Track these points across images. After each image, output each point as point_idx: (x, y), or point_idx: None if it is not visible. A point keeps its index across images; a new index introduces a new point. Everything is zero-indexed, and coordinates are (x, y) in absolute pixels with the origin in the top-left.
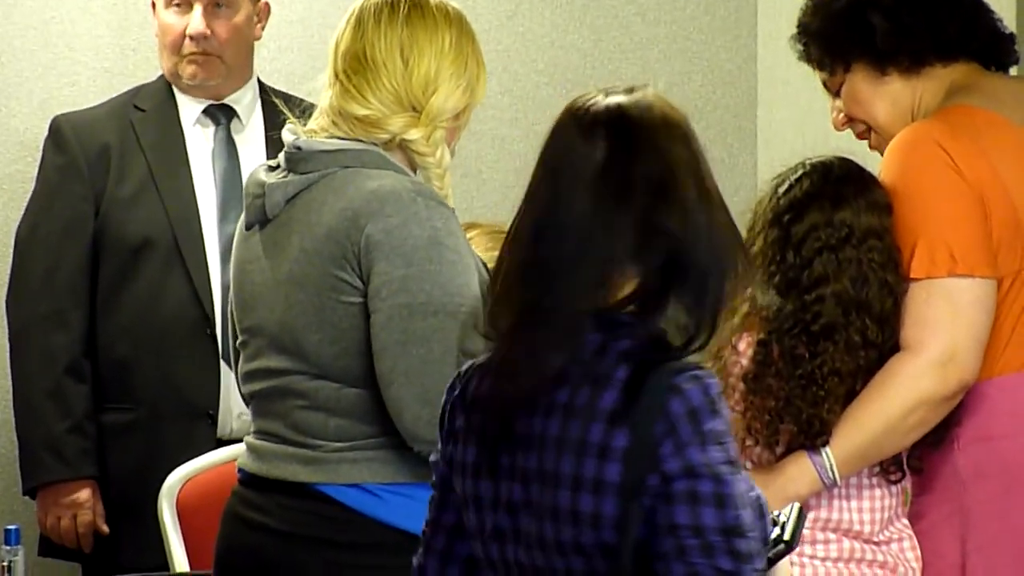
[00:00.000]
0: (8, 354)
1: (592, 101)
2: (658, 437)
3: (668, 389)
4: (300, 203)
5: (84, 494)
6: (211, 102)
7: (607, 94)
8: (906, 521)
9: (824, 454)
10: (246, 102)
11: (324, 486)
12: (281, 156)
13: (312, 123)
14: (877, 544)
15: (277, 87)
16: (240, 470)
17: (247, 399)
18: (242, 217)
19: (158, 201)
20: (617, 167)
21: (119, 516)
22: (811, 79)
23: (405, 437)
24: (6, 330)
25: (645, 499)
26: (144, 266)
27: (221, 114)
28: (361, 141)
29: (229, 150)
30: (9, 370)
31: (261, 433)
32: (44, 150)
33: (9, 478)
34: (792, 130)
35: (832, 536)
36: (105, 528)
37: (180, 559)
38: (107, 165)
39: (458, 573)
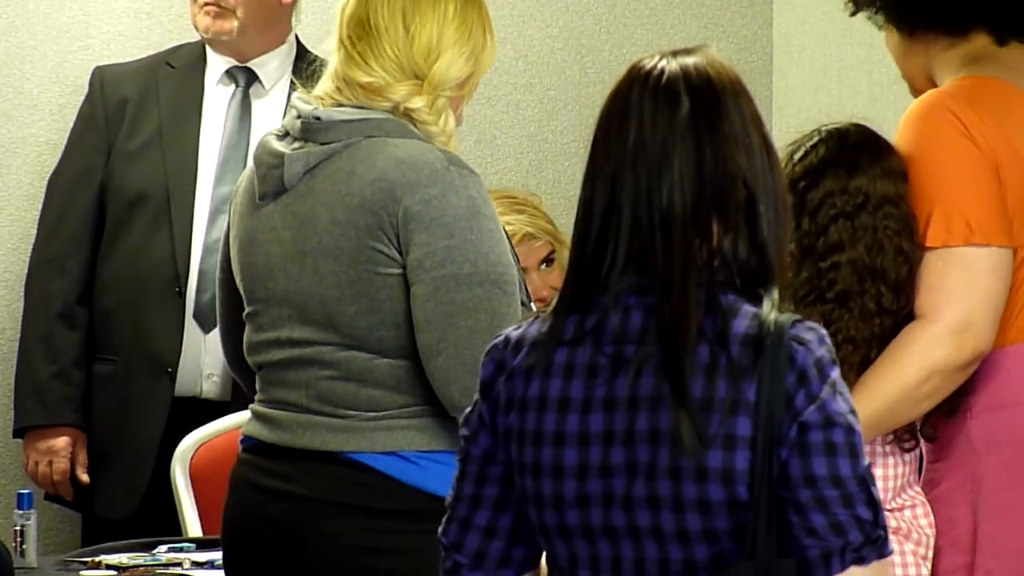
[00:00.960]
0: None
1: (664, 64)
2: (790, 388)
3: (792, 340)
4: (322, 174)
5: (61, 441)
6: (235, 63)
7: (675, 55)
8: (919, 488)
9: None
10: (272, 67)
11: (358, 454)
12: (292, 125)
13: (318, 88)
14: (890, 511)
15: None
16: (249, 437)
17: (255, 368)
18: (241, 187)
19: (160, 156)
20: (703, 122)
21: (95, 466)
22: (827, 45)
23: (450, 407)
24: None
25: (782, 450)
26: (136, 220)
27: (241, 76)
28: (372, 109)
29: (242, 113)
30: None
31: (276, 403)
32: (85, 99)
33: (20, 443)
34: (807, 96)
35: None
36: (85, 477)
37: (193, 524)
38: (122, 118)
39: (501, 547)
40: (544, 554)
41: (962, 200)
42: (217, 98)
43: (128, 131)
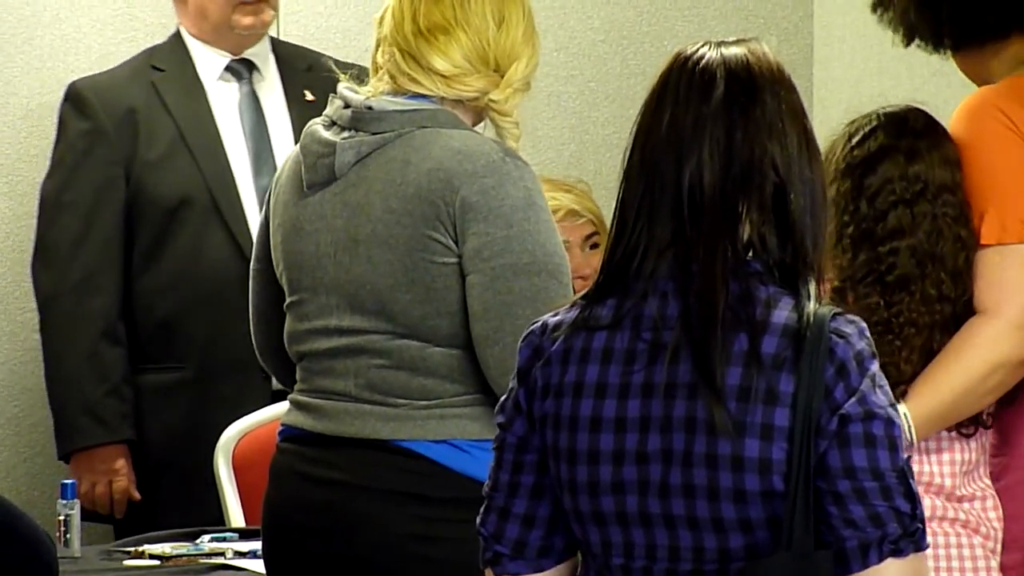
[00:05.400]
0: (38, 321)
1: (705, 51)
2: (829, 381)
3: (832, 332)
4: (374, 163)
5: (120, 460)
6: (231, 57)
7: (719, 44)
8: (989, 481)
9: (901, 413)
10: (263, 55)
11: (409, 442)
12: (340, 114)
13: (374, 82)
14: (959, 500)
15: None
16: (292, 427)
17: (296, 358)
18: (283, 177)
19: (191, 161)
20: (736, 106)
21: (160, 478)
22: (868, 37)
23: None
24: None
25: (820, 442)
26: (182, 226)
27: (244, 69)
28: (428, 99)
29: (254, 104)
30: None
31: (321, 392)
32: (64, 116)
33: None
34: (848, 88)
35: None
36: (137, 495)
37: (236, 514)
38: (135, 129)
39: (541, 536)
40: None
41: (1016, 198)
42: (222, 94)
43: (146, 141)
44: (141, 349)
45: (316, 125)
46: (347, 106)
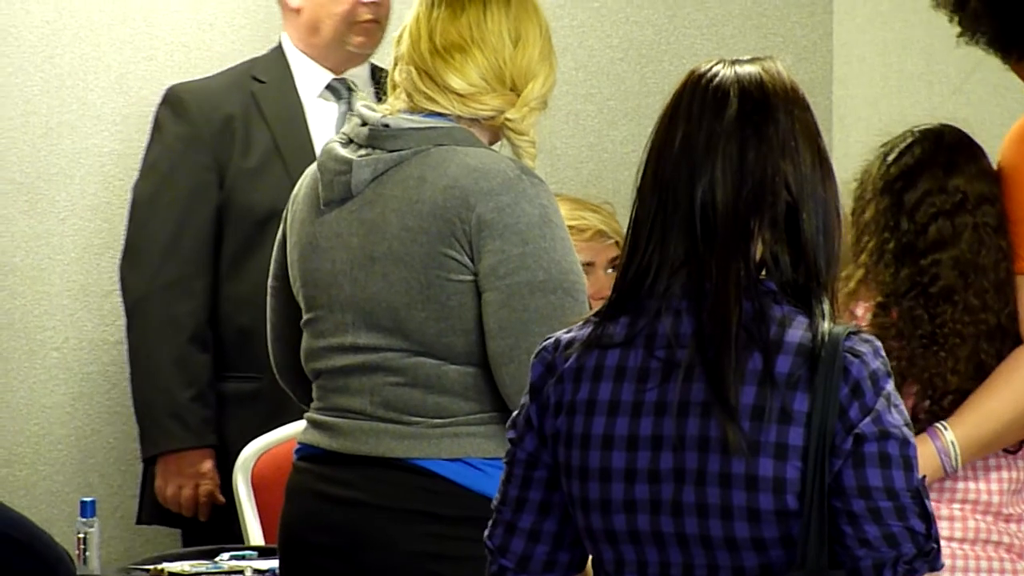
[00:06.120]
0: (125, 322)
1: (719, 69)
2: (844, 401)
3: (846, 352)
4: (391, 180)
5: (207, 464)
6: (333, 76)
7: (733, 63)
8: None
9: (948, 440)
10: (363, 78)
11: (424, 461)
12: (357, 132)
13: (392, 100)
14: (1007, 520)
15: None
16: (308, 446)
17: (312, 375)
18: (300, 194)
19: (284, 172)
20: (749, 125)
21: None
22: (887, 55)
23: None
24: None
25: (835, 461)
26: (269, 237)
27: (343, 88)
28: (444, 116)
29: None
30: (126, 339)
31: (337, 410)
32: (160, 119)
33: (85, 451)
34: (868, 107)
35: (958, 512)
36: (222, 498)
37: (255, 532)
38: (231, 136)
39: (546, 551)
40: (590, 558)
41: None
42: (320, 111)
43: (241, 149)
44: (223, 356)
45: (333, 143)
46: (364, 124)
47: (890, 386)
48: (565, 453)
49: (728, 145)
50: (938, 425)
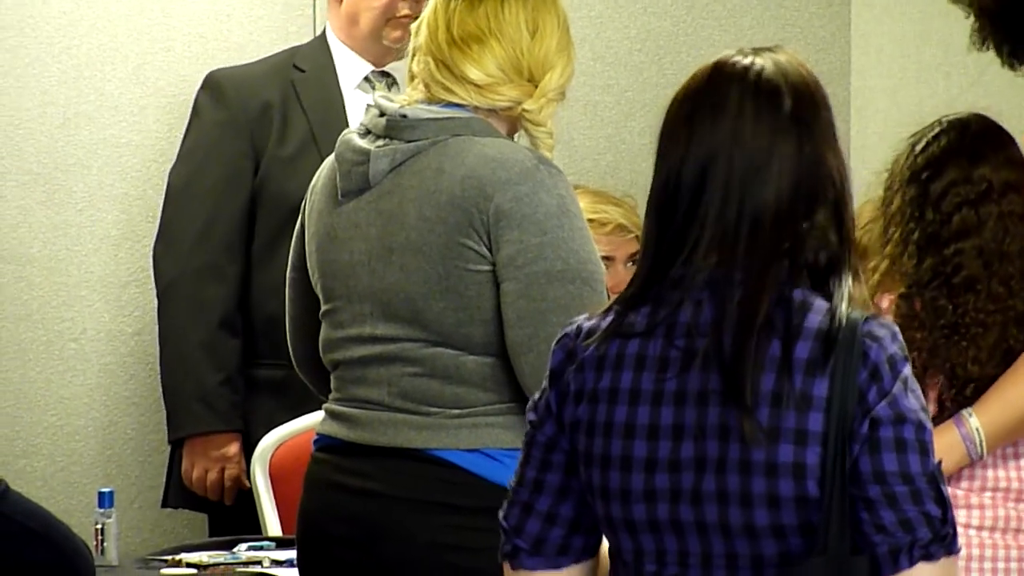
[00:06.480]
0: (156, 306)
1: (756, 60)
2: (862, 385)
3: (864, 336)
4: (408, 171)
5: (234, 448)
6: (373, 68)
7: (759, 52)
8: None
9: (972, 427)
10: (404, 71)
11: (442, 451)
12: (375, 122)
13: (410, 91)
14: None
15: None
16: (326, 437)
17: (331, 366)
18: (319, 185)
19: (319, 161)
20: (803, 121)
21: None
22: (905, 47)
23: None
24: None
25: (854, 446)
26: None
27: (381, 81)
28: (462, 107)
29: None
30: (156, 326)
31: (355, 400)
32: (200, 104)
33: (103, 442)
34: (886, 98)
35: (988, 500)
36: (248, 483)
37: (273, 523)
38: (269, 124)
39: (561, 535)
40: (607, 546)
41: None
42: (359, 103)
43: (278, 137)
44: (253, 343)
45: (351, 134)
46: (382, 114)
47: (907, 370)
48: (586, 441)
49: (786, 144)
50: (963, 412)
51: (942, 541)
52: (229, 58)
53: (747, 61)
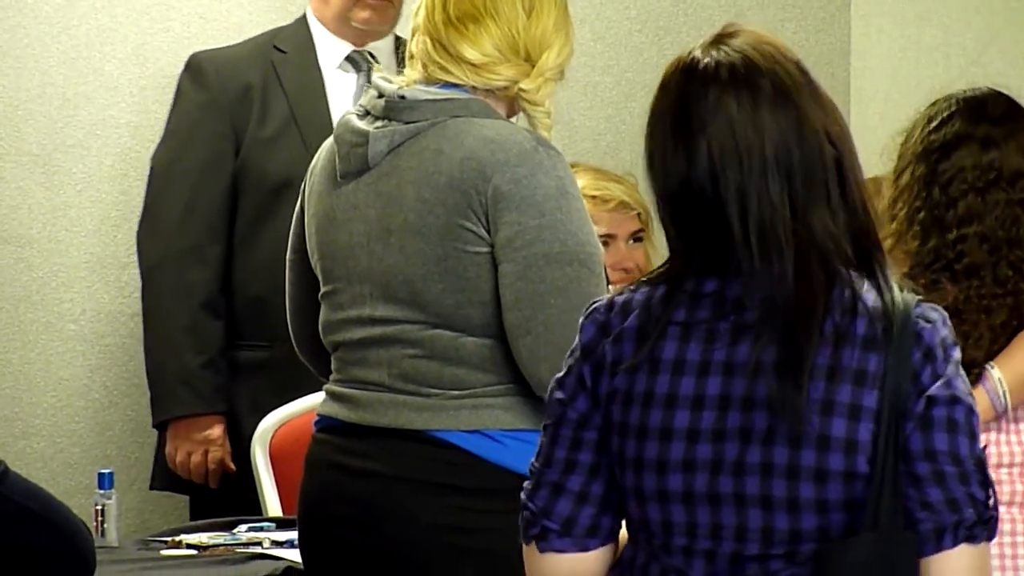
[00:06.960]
0: (140, 288)
1: (719, 58)
2: (916, 365)
3: (918, 317)
4: (407, 152)
5: (217, 430)
6: (353, 48)
7: (716, 48)
8: None
9: (995, 378)
10: (387, 51)
11: (442, 432)
12: (374, 104)
13: (408, 72)
14: None
15: None
16: (327, 417)
17: (331, 348)
18: (317, 166)
19: (299, 142)
20: (806, 87)
21: (245, 455)
22: (905, 27)
23: (537, 386)
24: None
25: (907, 424)
26: (283, 206)
27: (363, 61)
28: (460, 88)
29: None
30: (141, 307)
31: (355, 382)
32: (182, 86)
33: (102, 423)
34: (886, 78)
35: (1004, 476)
36: (232, 466)
37: (273, 503)
38: (249, 105)
39: (592, 514)
40: (624, 534)
41: None
42: (339, 82)
43: (258, 118)
44: (235, 325)
45: (350, 115)
46: (380, 95)
47: (957, 354)
48: (622, 412)
49: (783, 118)
50: (985, 366)
51: (985, 524)
52: (228, 38)
53: (715, 57)
